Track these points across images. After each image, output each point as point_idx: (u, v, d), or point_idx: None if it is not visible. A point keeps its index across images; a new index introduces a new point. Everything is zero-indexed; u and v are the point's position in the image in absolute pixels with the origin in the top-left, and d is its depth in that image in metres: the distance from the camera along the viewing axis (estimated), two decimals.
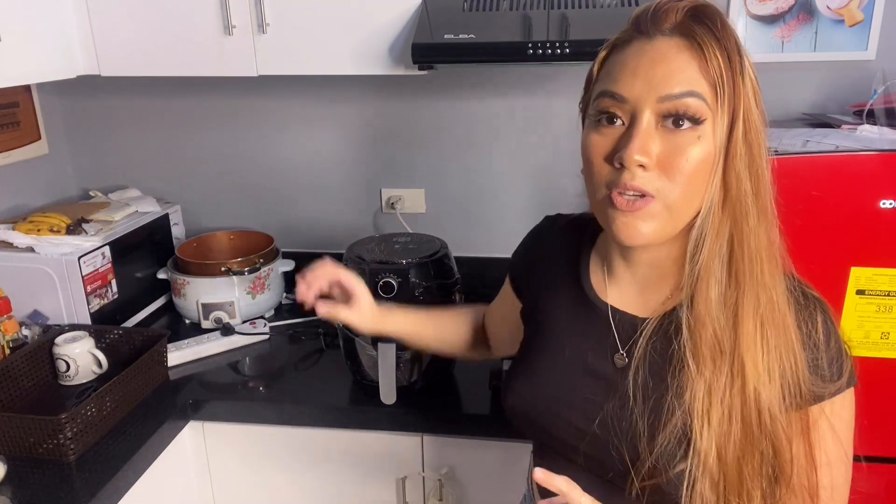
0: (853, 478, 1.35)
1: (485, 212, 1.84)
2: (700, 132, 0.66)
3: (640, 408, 0.74)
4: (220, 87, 1.84)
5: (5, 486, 1.13)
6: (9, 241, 1.52)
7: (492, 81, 1.73)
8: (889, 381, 1.26)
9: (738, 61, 0.66)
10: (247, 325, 1.64)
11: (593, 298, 0.82)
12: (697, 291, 0.70)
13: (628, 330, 0.78)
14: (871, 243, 1.19)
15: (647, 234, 0.69)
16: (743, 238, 0.68)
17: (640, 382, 0.75)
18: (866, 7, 1.53)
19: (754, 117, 0.67)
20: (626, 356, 0.78)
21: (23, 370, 1.36)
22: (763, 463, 0.70)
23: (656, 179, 0.67)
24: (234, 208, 1.96)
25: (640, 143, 0.66)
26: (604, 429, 0.76)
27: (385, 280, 1.27)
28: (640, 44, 0.69)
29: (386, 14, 1.41)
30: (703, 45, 0.65)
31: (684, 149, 0.66)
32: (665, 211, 0.68)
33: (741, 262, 0.69)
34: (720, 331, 0.70)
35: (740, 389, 0.69)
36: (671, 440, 0.71)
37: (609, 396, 0.77)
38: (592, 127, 0.72)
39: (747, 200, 0.68)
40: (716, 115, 0.66)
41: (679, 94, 0.65)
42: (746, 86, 0.66)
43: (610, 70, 0.71)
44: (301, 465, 1.41)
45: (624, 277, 0.80)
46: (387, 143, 1.83)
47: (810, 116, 1.57)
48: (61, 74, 1.48)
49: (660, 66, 0.66)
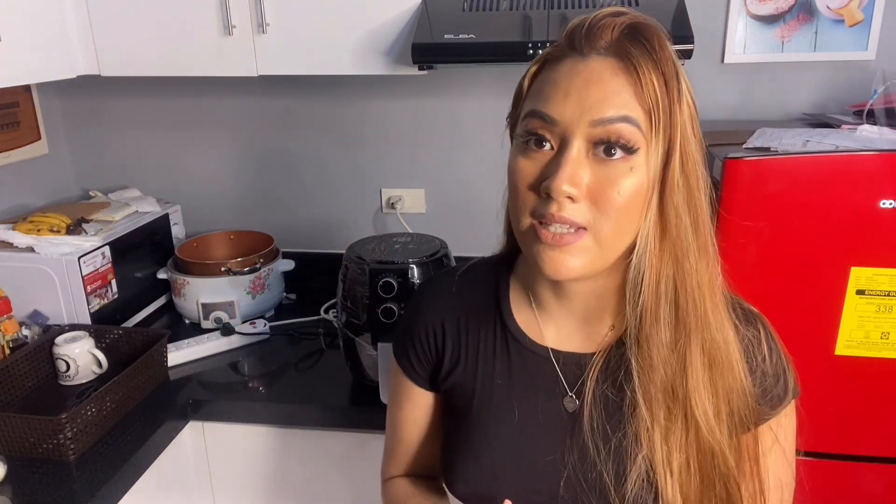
0: (855, 478, 1.35)
1: (485, 212, 1.84)
2: (633, 163, 0.61)
3: (603, 455, 0.70)
4: (220, 87, 1.84)
5: (5, 486, 1.13)
6: (9, 241, 1.52)
7: (492, 81, 1.73)
8: (889, 381, 1.26)
9: (676, 86, 0.62)
10: (247, 325, 1.64)
11: (528, 345, 0.75)
12: (644, 332, 0.66)
13: (574, 370, 0.73)
14: (871, 243, 1.19)
15: (576, 268, 0.64)
16: (685, 277, 0.65)
17: (598, 427, 0.70)
18: (866, 7, 1.53)
19: (692, 147, 0.63)
20: (575, 398, 0.73)
21: (23, 370, 1.36)
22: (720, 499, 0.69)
23: (586, 211, 0.62)
24: (234, 208, 1.96)
25: (569, 173, 0.61)
26: (570, 487, 0.71)
27: (385, 280, 1.27)
28: (573, 62, 0.63)
29: (386, 14, 1.41)
30: (638, 68, 0.61)
31: (616, 180, 0.61)
32: (595, 245, 0.63)
33: (685, 303, 0.65)
34: (671, 375, 0.66)
35: (695, 436, 0.67)
36: (639, 486, 0.68)
37: (568, 449, 0.72)
38: (520, 149, 0.66)
39: (687, 237, 0.64)
40: (650, 144, 0.62)
41: (612, 118, 0.60)
42: (684, 113, 0.62)
43: (541, 88, 0.65)
44: (301, 465, 1.41)
45: (558, 314, 0.74)
46: (387, 143, 1.83)
47: (810, 116, 1.57)
48: (61, 74, 1.48)
49: (593, 88, 0.61)
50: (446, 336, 0.79)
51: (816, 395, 1.28)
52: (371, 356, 1.33)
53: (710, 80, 1.64)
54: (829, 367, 1.26)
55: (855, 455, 1.32)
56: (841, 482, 1.34)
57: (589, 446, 0.70)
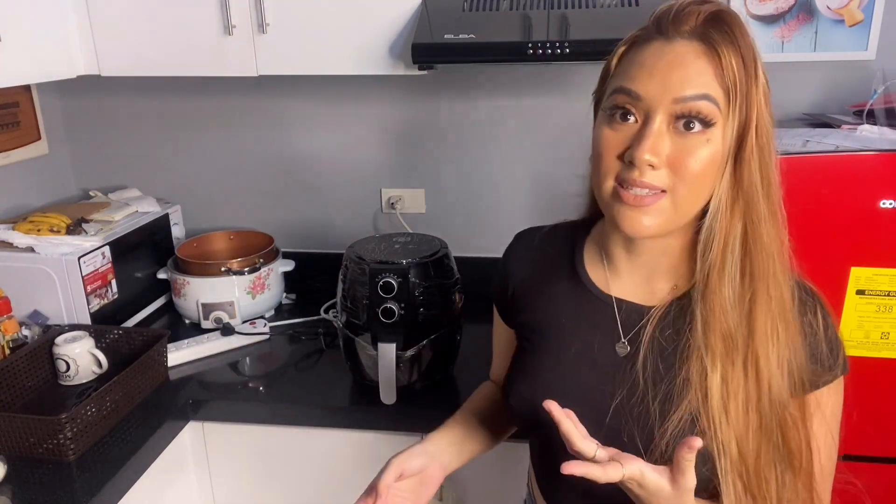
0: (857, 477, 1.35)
1: (485, 212, 1.84)
2: (709, 135, 0.68)
3: (652, 393, 0.76)
4: (220, 87, 1.84)
5: (5, 486, 1.13)
6: (9, 241, 1.52)
7: (492, 81, 1.73)
8: (889, 381, 1.26)
9: (754, 68, 0.68)
10: (247, 325, 1.64)
11: (595, 292, 0.84)
12: (710, 287, 0.72)
13: (633, 319, 0.81)
14: (871, 243, 1.19)
15: (651, 227, 0.71)
16: (756, 236, 0.71)
17: (650, 369, 0.77)
18: (866, 7, 1.53)
19: (765, 121, 0.70)
20: (627, 345, 0.80)
21: (23, 370, 1.36)
22: (775, 451, 0.73)
23: (665, 177, 0.70)
24: (234, 208, 1.96)
25: (652, 143, 0.68)
26: (616, 417, 0.78)
27: (385, 280, 1.27)
28: (659, 44, 0.70)
29: (386, 14, 1.41)
30: (719, 52, 0.67)
31: (693, 150, 0.68)
32: (671, 207, 0.71)
33: (755, 259, 0.71)
34: (734, 326, 0.72)
35: (755, 382, 0.72)
36: (683, 424, 0.73)
37: (618, 385, 0.79)
38: (605, 121, 0.73)
39: (759, 200, 0.70)
40: (726, 120, 0.68)
41: (693, 96, 0.67)
42: (759, 91, 0.69)
43: (627, 67, 0.72)
44: (301, 465, 1.41)
45: (627, 269, 0.82)
46: (387, 143, 1.83)
47: (810, 116, 1.57)
48: (61, 74, 1.48)
49: (677, 70, 0.68)
50: (522, 281, 0.91)
51: None
52: (371, 356, 1.33)
53: None
54: None
55: (855, 455, 1.32)
56: (841, 482, 1.34)
57: (639, 383, 0.77)
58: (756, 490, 0.73)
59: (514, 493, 1.20)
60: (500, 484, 1.34)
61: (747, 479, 0.72)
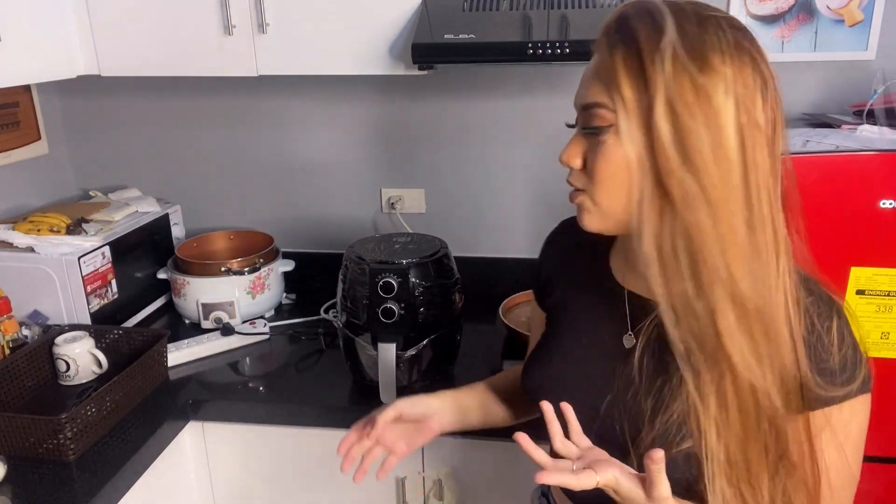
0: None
1: (485, 212, 1.84)
2: (604, 137, 0.71)
3: (645, 388, 0.78)
4: (220, 87, 1.84)
5: (5, 486, 1.13)
6: (9, 241, 1.52)
7: (492, 81, 1.73)
8: (889, 381, 1.26)
9: (650, 52, 0.66)
10: (247, 325, 1.64)
11: (612, 284, 0.86)
12: (660, 288, 0.70)
13: (640, 312, 0.81)
14: (871, 243, 1.19)
15: (589, 222, 0.77)
16: (696, 232, 0.67)
17: (645, 364, 0.78)
18: (866, 7, 1.53)
19: (685, 100, 0.65)
20: (634, 337, 0.82)
21: (23, 370, 1.36)
22: (768, 451, 0.71)
23: (582, 177, 0.75)
24: (234, 208, 1.96)
25: (568, 148, 0.76)
26: (610, 408, 0.80)
27: (385, 280, 1.27)
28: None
29: (386, 14, 1.41)
30: (612, 55, 0.69)
31: (596, 152, 0.72)
32: (593, 205, 0.75)
33: (699, 256, 0.67)
34: (695, 327, 0.69)
35: (732, 381, 0.69)
36: (671, 423, 0.74)
37: (616, 374, 0.81)
38: None
39: (690, 192, 0.66)
40: (621, 118, 0.68)
41: (584, 105, 0.73)
42: (666, 72, 0.65)
43: None
44: (301, 465, 1.41)
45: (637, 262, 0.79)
46: (387, 143, 1.83)
47: (810, 116, 1.57)
48: (61, 74, 1.48)
49: (584, 80, 0.74)
50: (557, 266, 0.96)
51: None
52: (371, 356, 1.33)
53: None
54: None
55: None
56: None
57: (634, 377, 0.79)
58: (748, 497, 0.72)
59: (515, 493, 1.20)
60: (501, 484, 1.34)
61: (738, 485, 0.71)
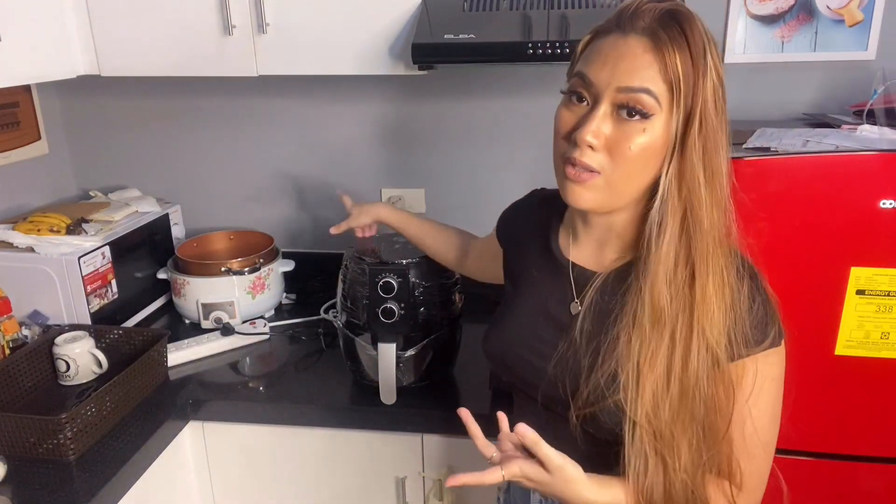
0: (855, 478, 1.35)
1: (485, 212, 1.83)
2: (646, 125, 0.74)
3: (584, 349, 0.85)
4: (220, 87, 1.84)
5: (5, 486, 1.13)
6: (9, 241, 1.52)
7: (492, 81, 1.73)
8: (889, 381, 1.26)
9: (703, 65, 0.73)
10: (247, 325, 1.64)
11: (558, 255, 0.93)
12: (649, 263, 0.79)
13: (583, 282, 0.89)
14: (871, 243, 1.19)
15: (589, 200, 0.79)
16: (696, 220, 0.76)
17: (586, 328, 0.86)
18: (866, 7, 1.53)
19: (712, 117, 0.74)
20: (579, 304, 0.88)
21: (23, 370, 1.36)
22: (692, 418, 0.79)
23: (601, 159, 0.76)
24: (234, 208, 1.96)
25: (594, 127, 0.75)
26: (555, 367, 0.87)
27: (385, 280, 1.27)
28: (615, 37, 0.76)
29: (386, 14, 1.41)
30: (665, 49, 0.73)
31: (630, 137, 0.75)
32: (606, 186, 0.78)
33: (694, 241, 0.77)
34: (666, 301, 0.78)
35: (682, 354, 0.78)
36: (605, 378, 0.81)
37: (562, 339, 0.88)
38: (564, 103, 0.81)
39: (700, 188, 0.75)
40: (670, 113, 0.74)
41: (635, 88, 0.74)
42: (707, 88, 0.74)
43: (587, 55, 0.79)
44: (301, 464, 1.41)
45: (583, 237, 0.90)
46: (387, 143, 1.83)
47: (810, 116, 1.57)
48: (61, 74, 1.48)
49: (625, 61, 0.74)
50: (519, 235, 1.04)
51: (816, 394, 1.28)
52: (371, 356, 1.33)
53: None
54: (829, 367, 1.26)
55: (855, 455, 1.32)
56: (841, 482, 1.34)
57: (576, 340, 0.86)
58: (665, 451, 0.78)
59: None
60: (500, 484, 1.34)
61: (658, 439, 0.78)
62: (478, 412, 1.32)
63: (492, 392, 1.37)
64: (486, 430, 1.36)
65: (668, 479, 0.79)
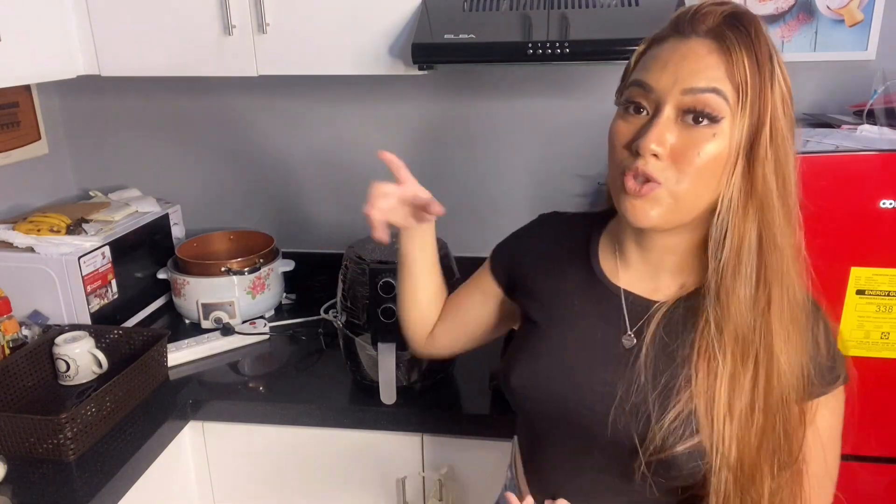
0: (855, 478, 1.35)
1: (485, 212, 1.84)
2: (716, 130, 0.69)
3: (651, 386, 0.77)
4: (220, 87, 1.84)
5: (5, 486, 1.13)
6: (9, 241, 1.52)
7: (492, 81, 1.73)
8: (889, 381, 1.26)
9: (769, 69, 0.69)
10: (247, 325, 1.64)
11: (605, 282, 0.84)
12: (725, 287, 0.72)
13: (639, 312, 0.81)
14: (871, 243, 1.19)
15: (654, 217, 0.72)
16: (770, 237, 0.71)
17: (650, 363, 0.78)
18: (866, 7, 1.53)
19: (781, 124, 0.70)
20: (633, 337, 0.81)
21: (23, 370, 1.36)
22: (774, 452, 0.74)
23: (666, 169, 0.70)
24: (234, 208, 1.96)
25: (658, 134, 0.69)
26: (616, 409, 0.78)
27: (385, 280, 1.27)
28: (674, 42, 0.72)
29: (386, 14, 1.41)
30: (731, 49, 0.68)
31: (698, 144, 0.69)
32: (671, 199, 0.71)
33: (770, 260, 0.71)
34: (748, 327, 0.72)
35: (765, 383, 0.72)
36: (679, 420, 0.74)
37: (618, 375, 0.79)
38: (620, 114, 0.75)
39: (773, 200, 0.70)
40: (735, 116, 0.69)
41: (702, 88, 0.68)
42: (775, 93, 0.69)
43: (645, 63, 0.74)
44: (301, 465, 1.41)
45: (636, 262, 0.83)
46: (386, 143, 1.83)
47: (810, 116, 1.57)
48: (61, 74, 1.48)
49: (688, 62, 0.69)
50: (540, 259, 0.92)
51: None
52: (371, 356, 1.33)
53: None
54: None
55: (855, 455, 1.32)
56: (841, 482, 1.34)
57: (639, 376, 0.78)
58: (748, 485, 0.74)
59: None
60: (500, 484, 1.34)
61: (741, 477, 0.73)
62: (478, 412, 1.33)
63: (492, 392, 1.37)
64: (486, 432, 1.37)
65: None
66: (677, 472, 0.75)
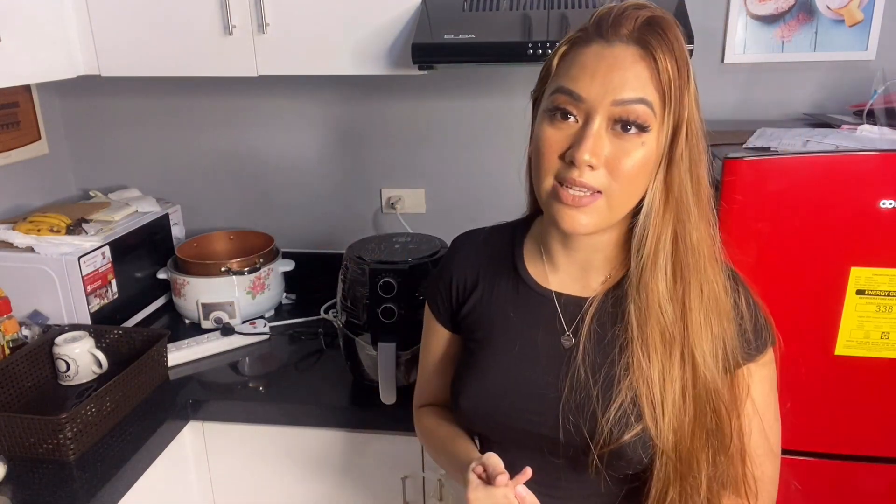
0: (855, 478, 1.35)
1: (485, 212, 1.84)
2: (644, 139, 0.71)
3: (591, 382, 0.80)
4: (220, 87, 1.84)
5: (5, 486, 1.13)
6: (9, 241, 1.52)
7: (492, 81, 1.73)
8: (889, 381, 1.26)
9: (686, 71, 0.71)
10: (247, 325, 1.64)
11: (536, 288, 0.86)
12: (644, 282, 0.76)
13: (573, 311, 0.84)
14: (871, 243, 1.19)
15: (588, 225, 0.74)
16: (685, 234, 0.75)
17: (589, 359, 0.81)
18: (866, 7, 1.53)
19: (696, 125, 0.73)
20: (572, 336, 0.83)
21: (23, 370, 1.36)
22: (708, 435, 0.78)
23: (602, 177, 0.72)
24: (234, 208, 1.96)
25: (592, 145, 0.71)
26: (561, 408, 0.81)
27: (385, 280, 1.27)
28: (599, 47, 0.72)
29: (386, 14, 1.41)
30: (656, 56, 0.70)
31: (630, 152, 0.71)
32: (607, 207, 0.74)
33: (686, 256, 0.75)
34: (670, 320, 0.76)
35: (691, 372, 0.76)
36: (623, 409, 0.77)
37: (562, 377, 0.82)
38: (547, 120, 0.75)
39: (688, 200, 0.74)
40: (661, 123, 0.71)
41: (630, 99, 0.70)
42: (691, 95, 0.72)
43: (568, 68, 0.74)
44: (301, 465, 1.41)
45: (564, 264, 0.85)
46: (387, 143, 1.83)
47: (810, 116, 1.57)
48: (61, 74, 1.48)
49: (617, 72, 0.70)
50: (468, 280, 0.91)
51: (816, 394, 1.28)
52: (371, 356, 1.33)
53: (710, 80, 1.64)
54: (829, 367, 1.26)
55: (855, 455, 1.32)
56: (841, 482, 1.34)
57: (581, 373, 0.80)
58: (686, 472, 0.77)
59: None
60: None
61: (678, 462, 0.77)
62: None
63: None
64: None
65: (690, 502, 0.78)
66: (627, 462, 0.78)
